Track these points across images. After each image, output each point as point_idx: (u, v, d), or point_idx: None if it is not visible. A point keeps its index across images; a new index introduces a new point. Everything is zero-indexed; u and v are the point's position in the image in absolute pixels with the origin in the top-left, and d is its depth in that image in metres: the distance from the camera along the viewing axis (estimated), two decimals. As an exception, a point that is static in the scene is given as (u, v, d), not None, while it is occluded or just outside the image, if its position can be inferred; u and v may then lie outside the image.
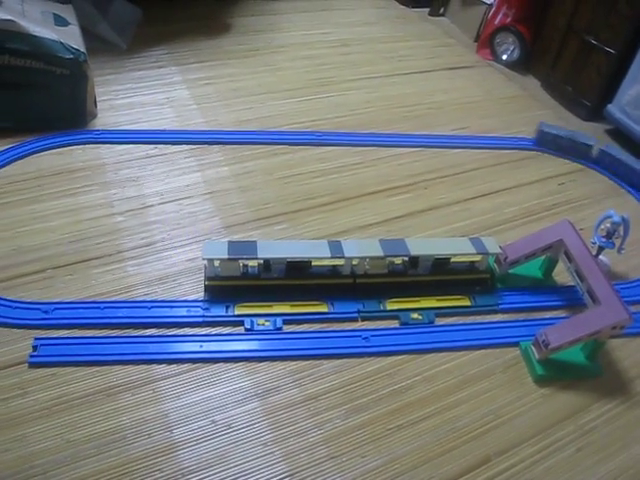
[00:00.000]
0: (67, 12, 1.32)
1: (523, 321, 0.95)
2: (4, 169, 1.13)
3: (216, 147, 1.26)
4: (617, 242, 0.99)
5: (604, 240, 0.99)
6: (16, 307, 0.86)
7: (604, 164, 1.34)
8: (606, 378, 0.88)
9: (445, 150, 1.35)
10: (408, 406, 0.80)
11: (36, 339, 0.82)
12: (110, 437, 0.73)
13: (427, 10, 2.08)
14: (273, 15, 1.91)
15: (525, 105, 1.59)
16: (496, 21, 1.78)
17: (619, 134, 1.48)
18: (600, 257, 1.03)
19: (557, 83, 1.64)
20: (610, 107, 1.47)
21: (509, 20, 1.75)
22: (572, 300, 0.98)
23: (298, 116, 1.40)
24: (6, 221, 1.01)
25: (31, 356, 0.80)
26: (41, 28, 1.16)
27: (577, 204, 1.22)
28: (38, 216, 1.03)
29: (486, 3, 1.85)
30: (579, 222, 1.09)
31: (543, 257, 1.00)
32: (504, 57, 1.79)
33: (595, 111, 1.53)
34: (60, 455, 0.70)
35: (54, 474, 0.68)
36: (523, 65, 1.77)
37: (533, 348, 0.87)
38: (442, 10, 2.07)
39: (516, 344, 0.90)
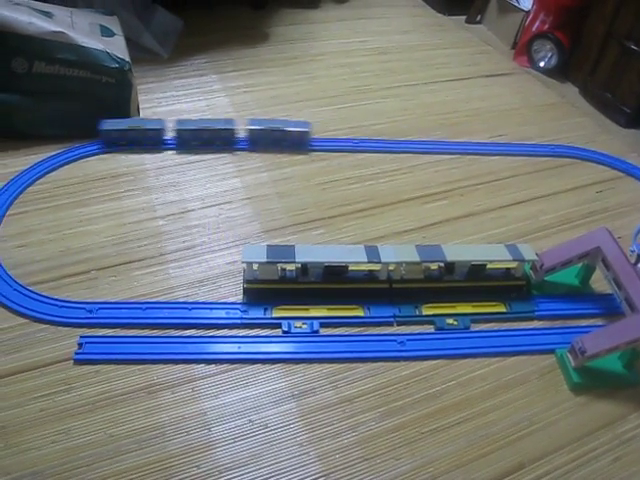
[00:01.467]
0: (113, 23, 1.37)
1: (559, 328, 0.94)
2: (53, 174, 1.17)
3: (255, 154, 1.28)
4: (657, 251, 0.98)
5: (643, 248, 0.98)
6: (62, 306, 0.89)
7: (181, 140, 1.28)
8: (644, 388, 0.87)
9: (482, 157, 1.35)
10: (442, 410, 0.81)
11: (81, 337, 0.85)
12: (150, 433, 0.75)
13: (464, 18, 2.08)
14: (310, 24, 1.94)
15: (563, 112, 1.57)
16: (534, 28, 1.77)
17: (660, 141, 1.46)
18: (639, 265, 1.02)
19: (596, 90, 1.63)
20: (651, 114, 1.45)
21: (547, 27, 1.74)
22: (610, 308, 0.97)
23: (335, 123, 1.41)
24: (55, 223, 1.05)
25: (76, 353, 0.83)
26: (89, 39, 1.20)
27: (615, 212, 1.21)
28: (84, 219, 1.07)
29: (523, 10, 1.84)
30: (617, 230, 1.08)
31: (580, 265, 1.00)
32: (542, 64, 1.77)
33: (635, 118, 1.51)
34: (103, 449, 0.73)
35: (97, 466, 0.71)
36: (561, 72, 1.75)
37: (569, 355, 0.87)
38: (479, 17, 2.07)
39: (552, 351, 0.90)
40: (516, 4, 1.88)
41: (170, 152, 1.27)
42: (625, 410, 0.83)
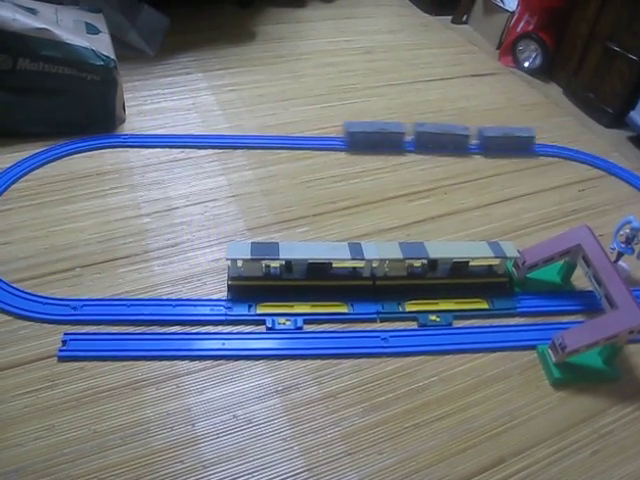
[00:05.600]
0: (98, 21, 1.36)
1: (541, 325, 0.95)
2: (38, 171, 1.16)
3: (240, 152, 1.29)
4: (637, 248, 1.00)
5: (623, 246, 1.00)
6: (46, 303, 0.89)
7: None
8: (624, 383, 0.88)
9: (466, 156, 1.36)
10: (425, 406, 0.82)
11: (65, 334, 0.85)
12: (135, 429, 0.75)
13: (450, 18, 2.09)
14: (297, 23, 1.94)
15: (547, 112, 1.59)
16: (518, 28, 1.79)
17: (642, 141, 1.49)
18: (619, 263, 1.03)
19: (579, 90, 1.64)
20: (633, 114, 1.47)
21: (531, 27, 1.75)
22: (590, 305, 0.98)
23: (321, 122, 1.42)
24: (39, 221, 1.05)
25: (60, 350, 0.83)
26: (74, 36, 1.20)
27: (597, 210, 1.23)
28: (69, 216, 1.07)
29: (508, 11, 1.86)
30: (599, 228, 1.09)
31: (561, 262, 1.01)
32: (526, 64, 1.79)
33: (618, 118, 1.53)
34: (87, 445, 0.73)
35: (81, 462, 0.71)
36: (545, 72, 1.77)
37: (550, 351, 0.88)
38: (465, 18, 2.08)
39: (533, 347, 0.91)
40: (501, 5, 1.89)
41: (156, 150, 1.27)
42: (604, 405, 0.85)
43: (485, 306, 0.97)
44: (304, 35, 1.87)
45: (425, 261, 0.97)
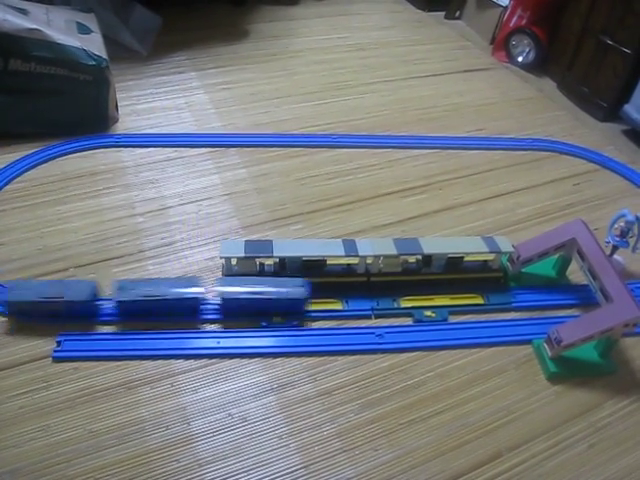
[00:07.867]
0: (90, 21, 1.36)
1: (536, 319, 0.95)
2: (30, 172, 1.16)
3: (234, 150, 1.29)
4: (631, 241, 0.99)
5: (618, 239, 0.99)
6: (41, 304, 0.89)
7: None
8: (620, 376, 0.88)
9: (460, 152, 1.36)
10: (421, 401, 0.82)
11: (59, 335, 0.85)
12: (130, 428, 0.75)
13: (443, 14, 2.09)
14: (290, 21, 1.94)
15: (541, 106, 1.59)
16: (511, 23, 1.79)
17: (636, 134, 1.48)
18: (614, 256, 1.03)
19: (573, 84, 1.64)
20: (627, 107, 1.47)
21: (524, 22, 1.75)
22: (585, 299, 0.98)
23: (314, 119, 1.42)
24: (33, 222, 1.05)
25: (55, 351, 0.83)
26: (65, 36, 1.19)
27: (592, 204, 1.23)
28: (62, 217, 1.06)
29: (501, 6, 1.85)
30: (594, 222, 1.09)
31: (556, 256, 1.01)
32: (520, 59, 1.79)
33: (611, 112, 1.53)
34: (83, 445, 0.73)
35: (77, 462, 0.71)
36: (539, 67, 1.77)
37: (545, 345, 0.88)
38: (458, 13, 2.08)
39: (529, 342, 0.91)
40: (494, 0, 1.89)
41: (149, 149, 1.27)
42: (601, 398, 0.85)
43: (480, 301, 0.97)
44: (297, 33, 1.87)
45: (420, 257, 0.97)
